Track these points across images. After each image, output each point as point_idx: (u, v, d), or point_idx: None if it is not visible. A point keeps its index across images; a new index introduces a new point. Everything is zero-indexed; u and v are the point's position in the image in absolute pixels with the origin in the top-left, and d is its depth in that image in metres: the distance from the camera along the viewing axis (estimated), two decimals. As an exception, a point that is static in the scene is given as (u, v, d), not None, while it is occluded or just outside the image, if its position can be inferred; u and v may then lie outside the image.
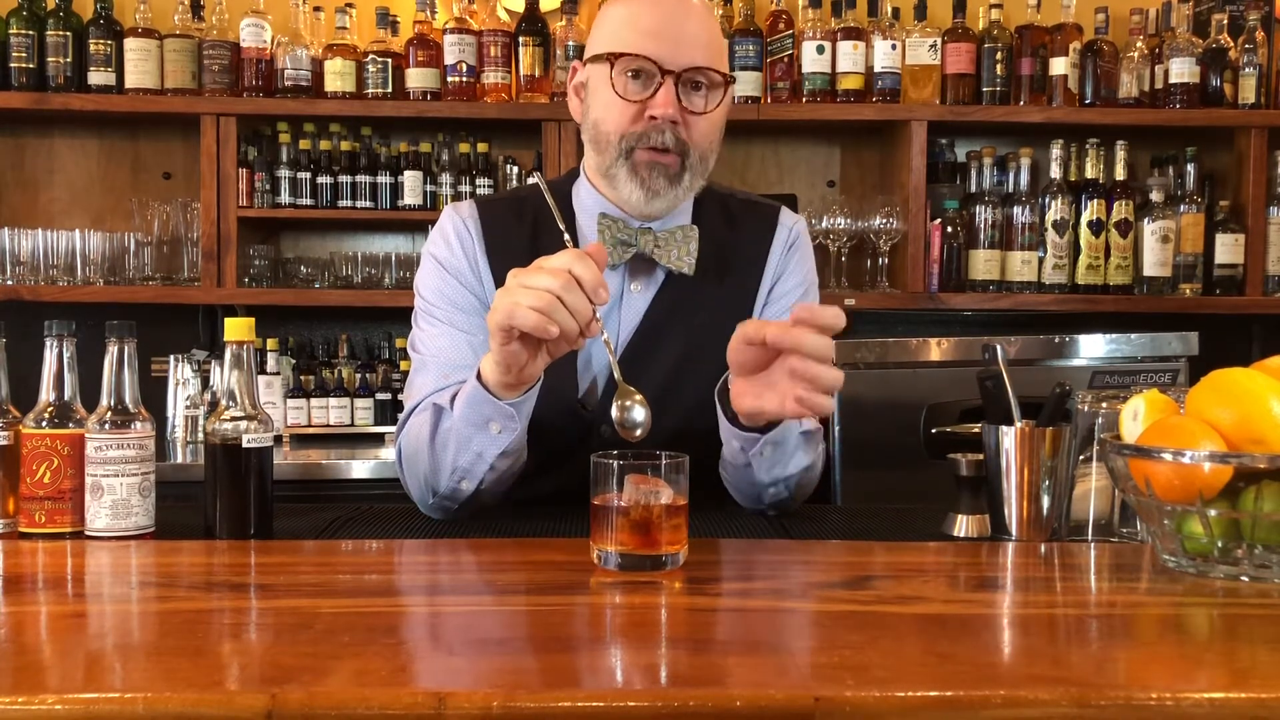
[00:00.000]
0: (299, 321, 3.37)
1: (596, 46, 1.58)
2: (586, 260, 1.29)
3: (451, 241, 1.63)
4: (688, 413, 1.56)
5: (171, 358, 3.16)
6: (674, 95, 1.52)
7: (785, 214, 1.71)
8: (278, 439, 3.05)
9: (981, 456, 1.38)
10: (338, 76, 3.13)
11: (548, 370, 1.41)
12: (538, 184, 1.56)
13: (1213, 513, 1.11)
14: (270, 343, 3.14)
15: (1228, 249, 3.19)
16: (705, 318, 1.60)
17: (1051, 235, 3.14)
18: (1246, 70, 3.18)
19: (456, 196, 3.17)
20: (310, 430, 3.15)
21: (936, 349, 2.72)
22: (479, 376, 1.41)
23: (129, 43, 3.11)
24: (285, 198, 3.15)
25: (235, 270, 3.09)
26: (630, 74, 1.53)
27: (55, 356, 1.32)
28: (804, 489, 1.56)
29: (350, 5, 3.20)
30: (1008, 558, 1.28)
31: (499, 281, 1.34)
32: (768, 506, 1.55)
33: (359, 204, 3.17)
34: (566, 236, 1.47)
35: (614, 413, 1.36)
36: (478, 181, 3.20)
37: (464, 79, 3.14)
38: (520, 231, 1.63)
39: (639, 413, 1.35)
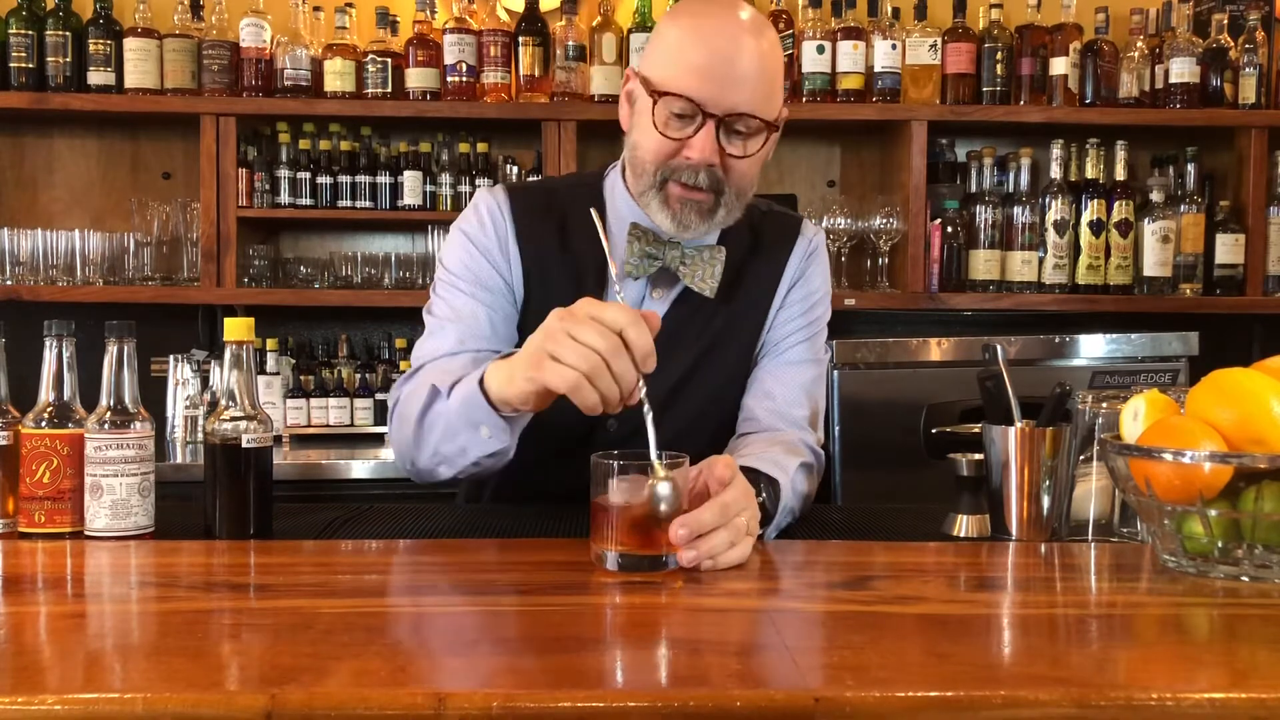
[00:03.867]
0: (299, 321, 3.36)
1: (647, 68, 1.51)
2: (641, 325, 1.18)
3: (485, 220, 1.61)
4: (690, 420, 1.56)
5: (171, 358, 3.16)
6: (714, 138, 1.46)
7: (807, 225, 1.72)
8: (277, 439, 3.05)
9: (981, 456, 1.38)
10: (337, 76, 3.12)
11: None
12: (590, 212, 1.40)
13: (1213, 513, 1.11)
14: (270, 343, 3.14)
15: (1228, 249, 3.19)
16: (718, 331, 1.60)
17: (1052, 235, 3.14)
18: (1246, 70, 3.17)
19: (456, 197, 3.17)
20: (310, 430, 3.15)
21: (936, 349, 2.72)
22: (481, 380, 1.35)
23: (128, 43, 3.10)
24: (285, 198, 3.14)
25: (235, 270, 3.09)
26: (672, 111, 1.46)
27: (55, 356, 1.32)
28: (804, 508, 1.56)
29: (350, 5, 3.20)
30: (1008, 558, 1.29)
31: (525, 268, 1.29)
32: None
33: (359, 204, 3.16)
34: (613, 272, 1.35)
35: (645, 493, 1.19)
36: (477, 181, 3.19)
37: (464, 79, 3.14)
38: (549, 223, 1.61)
39: (665, 488, 1.19)
